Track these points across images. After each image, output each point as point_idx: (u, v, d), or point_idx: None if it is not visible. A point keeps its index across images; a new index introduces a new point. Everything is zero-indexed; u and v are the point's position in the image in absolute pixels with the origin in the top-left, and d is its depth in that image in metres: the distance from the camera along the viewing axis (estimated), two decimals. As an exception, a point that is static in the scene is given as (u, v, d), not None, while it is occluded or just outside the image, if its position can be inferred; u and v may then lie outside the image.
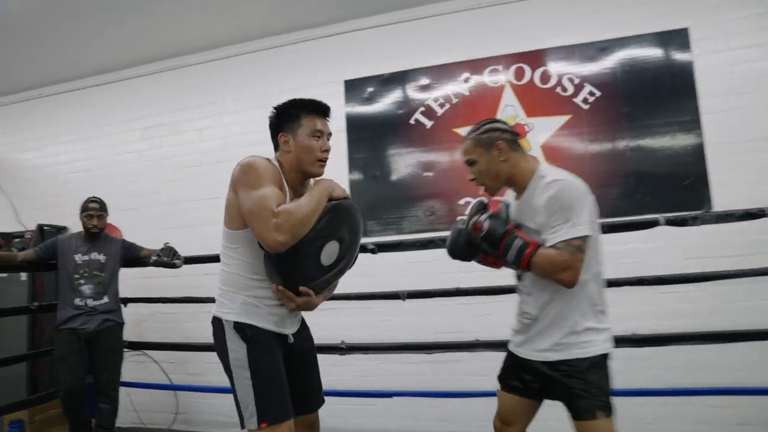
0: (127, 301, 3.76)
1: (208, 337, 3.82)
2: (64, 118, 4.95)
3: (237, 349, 1.75)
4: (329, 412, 3.74)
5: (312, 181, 1.88)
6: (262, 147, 4.17)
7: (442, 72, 3.75)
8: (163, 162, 4.49)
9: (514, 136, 1.86)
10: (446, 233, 3.10)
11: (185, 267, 3.87)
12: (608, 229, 2.62)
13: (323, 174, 1.86)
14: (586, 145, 3.43)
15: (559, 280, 1.67)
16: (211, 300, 3.49)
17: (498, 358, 3.30)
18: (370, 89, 3.90)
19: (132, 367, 4.29)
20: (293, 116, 1.83)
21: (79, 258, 3.36)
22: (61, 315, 3.28)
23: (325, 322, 3.84)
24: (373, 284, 3.40)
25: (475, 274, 3.46)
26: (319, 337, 3.51)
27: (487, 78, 3.67)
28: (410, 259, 3.62)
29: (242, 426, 1.76)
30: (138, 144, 4.61)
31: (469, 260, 1.98)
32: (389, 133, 3.83)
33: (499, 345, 2.82)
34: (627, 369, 3.28)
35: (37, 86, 4.99)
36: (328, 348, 3.20)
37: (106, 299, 3.36)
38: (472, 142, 1.84)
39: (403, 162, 3.79)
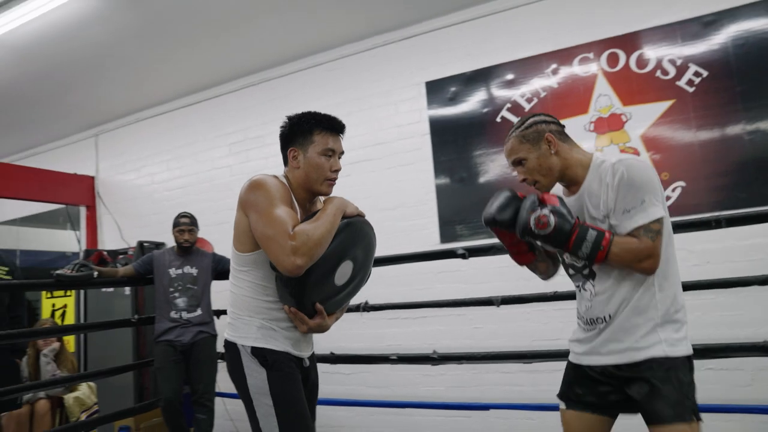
0: (219, 313, 3.84)
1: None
2: (159, 139, 5.20)
3: (256, 375, 1.68)
4: (424, 424, 3.65)
5: (321, 198, 1.83)
6: (345, 155, 4.13)
7: (527, 65, 3.56)
8: (251, 175, 4.55)
9: (561, 127, 1.72)
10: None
11: None
12: (726, 223, 2.35)
13: (331, 194, 1.80)
14: (694, 132, 3.11)
15: (640, 269, 1.54)
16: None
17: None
18: (453, 89, 3.77)
19: (228, 377, 4.37)
20: (306, 131, 1.78)
21: (173, 272, 3.46)
22: (158, 327, 3.40)
23: (416, 331, 3.76)
24: (466, 290, 3.28)
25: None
26: (410, 346, 3.46)
27: (577, 68, 3.43)
28: (503, 264, 3.43)
29: None
30: (227, 159, 4.74)
31: (503, 235, 1.79)
32: (475, 134, 3.68)
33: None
34: (755, 380, 2.94)
35: (133, 111, 5.30)
36: (419, 358, 3.08)
37: (199, 311, 3.44)
38: (518, 139, 1.69)
39: (491, 162, 3.63)
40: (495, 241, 3.26)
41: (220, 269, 3.63)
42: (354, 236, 1.74)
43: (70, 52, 4.03)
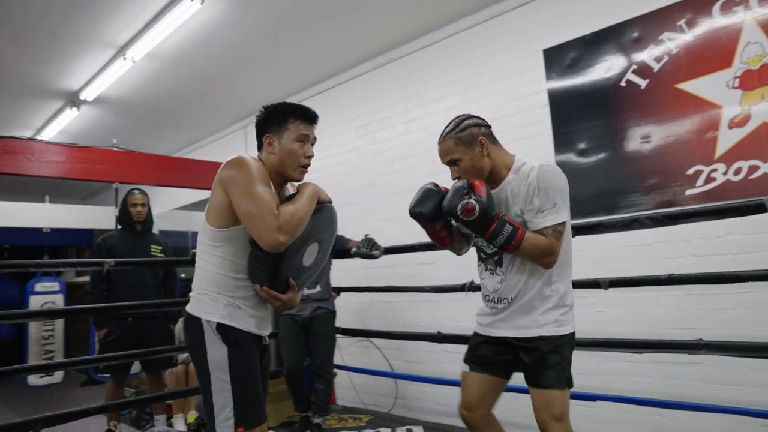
0: (340, 290, 4.01)
1: (424, 326, 3.90)
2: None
3: (216, 350, 1.74)
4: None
5: (290, 185, 1.93)
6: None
7: (656, 19, 3.18)
8: (377, 157, 4.71)
9: (490, 129, 1.96)
10: (668, 210, 2.62)
11: (402, 257, 4.03)
12: None
13: (303, 180, 1.88)
14: None
15: (541, 263, 1.81)
16: (421, 289, 3.55)
17: (747, 364, 2.69)
18: (572, 55, 3.51)
19: (357, 351, 4.60)
20: (281, 119, 1.85)
21: (297, 250, 3.67)
22: (282, 301, 3.63)
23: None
24: (586, 271, 3.05)
25: (710, 258, 2.87)
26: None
27: (718, 15, 2.97)
28: (625, 243, 3.14)
29: (212, 428, 1.76)
30: (355, 142, 4.92)
31: (425, 226, 2.04)
32: (597, 101, 3.40)
33: (751, 348, 2.28)
34: None
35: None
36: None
37: (318, 288, 3.63)
38: (453, 140, 1.89)
39: (615, 131, 3.34)
40: (603, 218, 3.03)
41: (338, 248, 3.78)
42: (324, 220, 1.86)
43: (212, 55, 4.49)
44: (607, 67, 3.35)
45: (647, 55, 3.19)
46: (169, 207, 7.40)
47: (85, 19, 3.83)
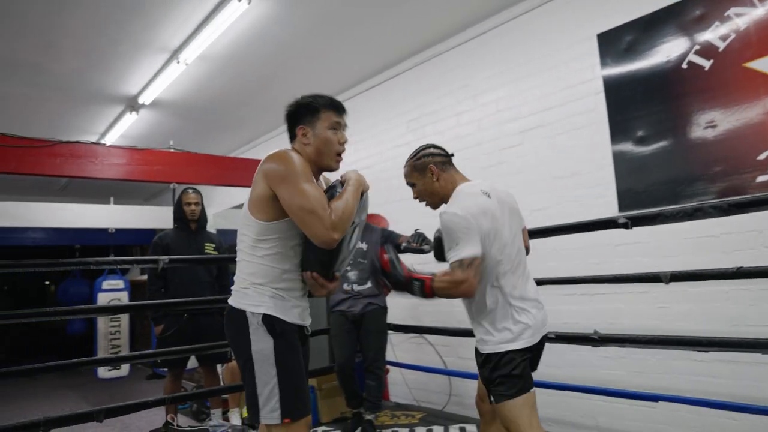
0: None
1: None
2: (348, 123, 5.52)
3: (261, 342, 1.75)
4: (604, 409, 3.34)
5: (322, 178, 1.98)
6: (515, 124, 3.95)
7: (721, -5, 2.95)
8: (427, 151, 4.62)
9: (445, 158, 2.20)
10: (735, 198, 2.45)
11: None
12: None
13: (339, 169, 1.92)
14: None
15: (460, 294, 1.96)
16: None
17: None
18: (629, 38, 3.33)
19: (410, 347, 4.57)
20: (312, 110, 1.88)
21: (345, 247, 3.67)
22: (333, 298, 3.68)
23: (597, 308, 3.45)
24: (650, 265, 2.99)
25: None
26: (586, 325, 3.20)
27: (792, -13, 2.74)
28: (692, 235, 2.97)
29: (255, 419, 1.76)
30: (406, 137, 4.88)
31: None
32: (656, 86, 3.23)
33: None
34: None
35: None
36: (578, 338, 2.84)
37: (369, 284, 3.62)
38: (410, 168, 2.20)
39: (676, 117, 3.15)
40: (663, 208, 2.86)
41: (391, 244, 3.75)
42: (363, 204, 1.91)
43: (261, 54, 4.57)
44: (667, 49, 3.16)
45: (711, 34, 2.99)
46: (225, 206, 7.58)
47: (140, 26, 3.96)
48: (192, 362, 4.43)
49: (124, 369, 6.41)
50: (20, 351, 9.73)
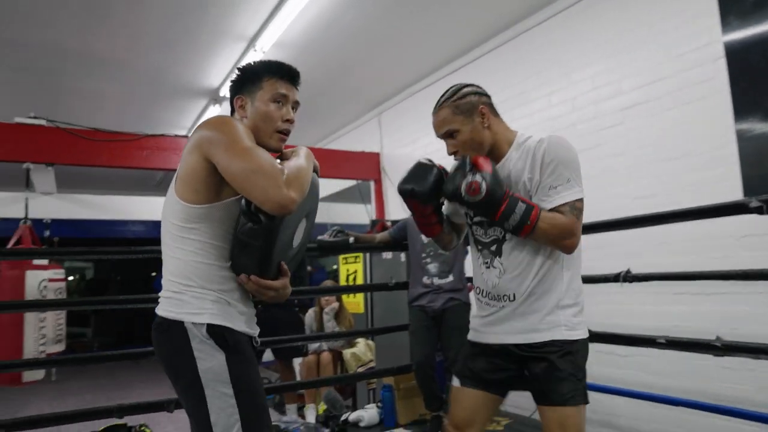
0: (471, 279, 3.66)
1: (591, 324, 3.46)
2: (429, 110, 5.24)
3: (209, 359, 1.38)
4: (724, 430, 2.86)
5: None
6: (614, 101, 3.51)
7: None
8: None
9: (490, 98, 1.71)
10: None
11: None
12: None
13: (282, 149, 1.55)
14: None
15: (562, 246, 1.56)
16: (583, 280, 3.12)
17: None
18: (756, -9, 2.80)
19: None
20: (254, 78, 1.54)
21: (425, 237, 3.42)
22: (411, 292, 3.44)
23: (711, 310, 2.96)
24: None
25: None
26: (699, 328, 2.74)
27: None
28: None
29: None
30: (491, 121, 4.50)
31: (415, 207, 1.77)
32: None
33: None
34: None
35: (406, 87, 5.52)
36: (696, 345, 2.40)
37: (450, 278, 3.35)
38: (450, 109, 1.67)
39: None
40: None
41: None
42: (313, 191, 1.54)
43: (337, 40, 4.42)
44: (808, 1, 2.63)
45: None
46: (310, 199, 7.55)
47: (216, 14, 3.90)
48: (269, 355, 4.36)
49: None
50: (127, 336, 10.35)
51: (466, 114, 1.64)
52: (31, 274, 4.28)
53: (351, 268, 5.40)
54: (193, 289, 1.41)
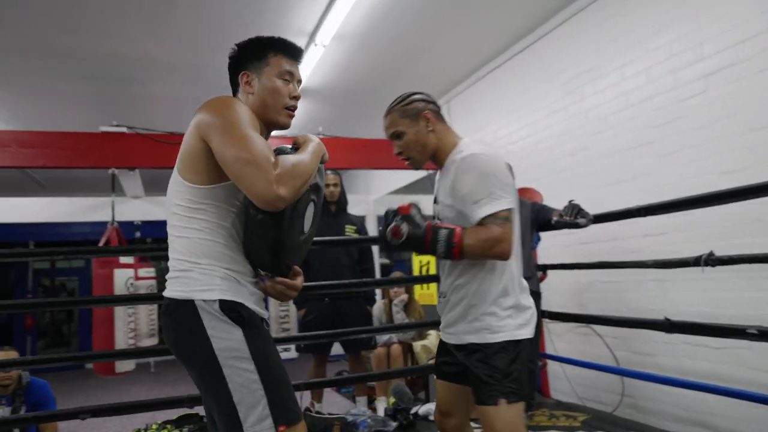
0: (545, 267, 3.48)
1: (655, 310, 3.23)
2: (498, 94, 5.13)
3: (225, 336, 1.32)
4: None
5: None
6: (694, 68, 3.25)
7: None
8: (588, 114, 4.04)
9: (438, 107, 1.84)
10: None
11: (625, 228, 3.44)
12: None
13: (290, 126, 1.55)
14: None
15: (494, 255, 1.62)
16: (642, 264, 2.89)
17: None
18: None
19: (574, 338, 4.02)
20: (259, 54, 1.52)
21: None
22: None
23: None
24: None
25: None
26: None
27: None
28: None
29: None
30: (562, 101, 4.30)
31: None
32: None
33: None
34: None
35: (474, 71, 5.34)
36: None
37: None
38: (398, 113, 1.79)
39: None
40: None
41: (541, 219, 3.29)
42: (320, 178, 1.54)
43: (397, 29, 4.34)
44: None
45: None
46: (384, 192, 7.53)
47: (275, 10, 3.93)
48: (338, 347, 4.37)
49: (293, 351, 6.67)
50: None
51: (411, 118, 1.77)
52: (119, 272, 4.55)
53: (424, 258, 5.32)
54: (200, 267, 1.37)
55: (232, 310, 1.34)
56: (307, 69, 4.83)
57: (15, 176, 7.37)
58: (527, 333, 1.69)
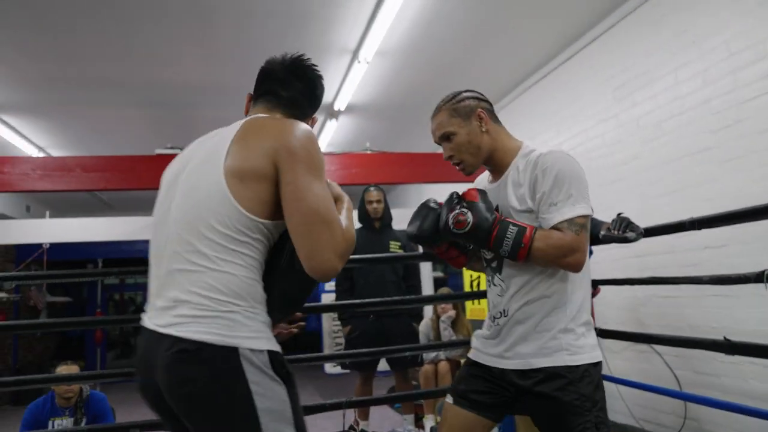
0: (596, 283, 3.33)
1: (718, 327, 3.02)
2: (545, 103, 5.01)
3: (269, 394, 1.11)
4: None
5: None
6: (757, 67, 3.05)
7: None
8: (640, 121, 3.86)
9: (491, 105, 1.67)
10: None
11: (683, 240, 3.26)
12: None
13: None
14: None
15: (566, 265, 1.46)
16: (697, 280, 2.73)
17: None
18: None
19: (631, 356, 3.83)
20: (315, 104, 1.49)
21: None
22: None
23: None
24: None
25: None
26: None
27: None
28: None
29: None
30: (612, 108, 4.14)
31: (433, 246, 1.70)
32: None
33: None
34: None
35: (521, 81, 5.26)
36: None
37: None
38: (448, 112, 1.62)
39: None
40: None
41: (593, 233, 3.13)
42: None
43: (440, 40, 4.33)
44: None
45: None
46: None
47: (316, 30, 4.00)
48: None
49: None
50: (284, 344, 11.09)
51: (463, 117, 1.60)
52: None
53: (474, 273, 5.20)
54: (245, 309, 1.15)
55: (281, 364, 1.16)
56: (352, 86, 4.87)
57: (84, 198, 7.81)
58: (601, 354, 1.54)
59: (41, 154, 6.19)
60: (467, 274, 5.43)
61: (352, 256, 2.07)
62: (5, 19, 3.63)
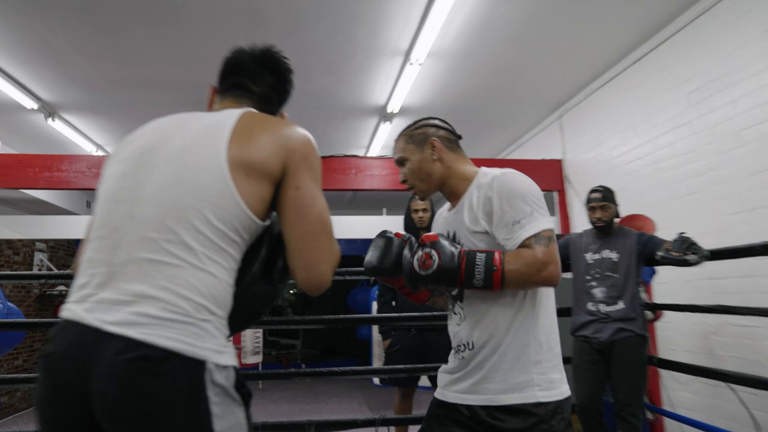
0: (655, 306, 3.03)
1: None
2: (613, 107, 4.69)
3: (227, 416, 0.97)
4: None
5: None
6: None
7: None
8: (716, 129, 3.52)
9: (452, 135, 1.66)
10: None
11: (763, 263, 2.90)
12: None
13: None
14: None
15: (542, 280, 1.36)
16: (759, 312, 2.42)
17: None
18: None
19: (699, 389, 3.48)
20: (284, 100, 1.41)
21: (590, 257, 2.99)
22: (575, 321, 3.02)
23: None
24: None
25: None
26: None
27: None
28: None
29: None
30: (686, 114, 3.79)
31: (389, 282, 1.63)
32: None
33: None
34: None
35: (588, 82, 4.96)
36: None
37: (621, 305, 2.85)
38: (405, 138, 1.66)
39: None
40: None
41: (647, 252, 2.88)
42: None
43: (496, 41, 4.11)
44: None
45: None
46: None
47: (367, 32, 3.90)
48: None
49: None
50: (330, 349, 11.07)
51: (417, 144, 1.62)
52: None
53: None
54: (217, 318, 1.01)
55: (242, 383, 1.03)
56: (405, 88, 4.74)
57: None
58: (568, 388, 1.45)
59: (99, 152, 6.42)
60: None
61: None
62: (68, 24, 3.74)
